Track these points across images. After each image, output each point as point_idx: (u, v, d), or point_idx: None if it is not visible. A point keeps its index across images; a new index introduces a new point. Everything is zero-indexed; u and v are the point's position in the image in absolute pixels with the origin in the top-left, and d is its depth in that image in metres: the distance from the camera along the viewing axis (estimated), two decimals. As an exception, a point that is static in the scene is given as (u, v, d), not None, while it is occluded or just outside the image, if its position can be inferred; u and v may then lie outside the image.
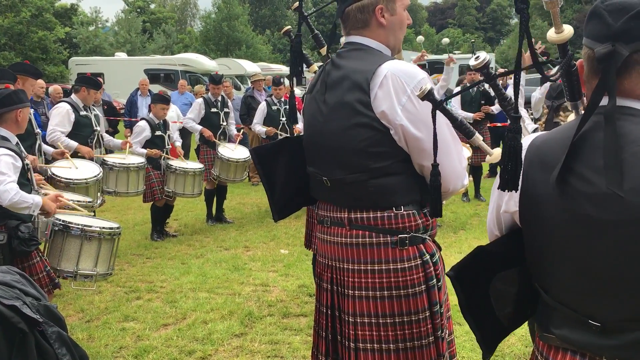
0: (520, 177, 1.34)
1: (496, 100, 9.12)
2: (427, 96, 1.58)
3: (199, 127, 7.62)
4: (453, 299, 4.58)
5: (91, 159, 5.99)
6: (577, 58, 1.50)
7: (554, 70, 1.51)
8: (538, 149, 1.42)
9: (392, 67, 1.95)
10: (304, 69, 2.52)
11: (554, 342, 1.42)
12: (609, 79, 1.28)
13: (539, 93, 6.27)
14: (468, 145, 3.24)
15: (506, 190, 1.33)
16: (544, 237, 1.40)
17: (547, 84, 9.05)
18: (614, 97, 1.27)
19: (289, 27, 2.82)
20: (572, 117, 3.40)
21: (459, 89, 8.65)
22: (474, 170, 8.69)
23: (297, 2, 2.49)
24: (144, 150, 6.71)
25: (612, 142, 1.25)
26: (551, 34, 1.54)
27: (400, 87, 1.92)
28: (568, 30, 1.52)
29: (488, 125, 8.96)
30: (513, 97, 1.66)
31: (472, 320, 1.57)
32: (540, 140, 1.45)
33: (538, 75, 1.67)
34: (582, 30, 1.39)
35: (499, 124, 9.66)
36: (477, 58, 1.69)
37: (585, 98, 1.47)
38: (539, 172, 1.38)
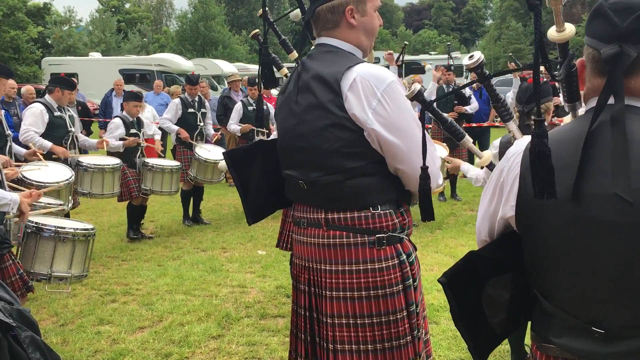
0: (517, 181, 1.30)
1: (471, 100, 9.23)
2: (417, 97, 1.57)
3: (176, 128, 7.57)
4: (428, 298, 4.59)
5: (66, 159, 5.91)
6: (578, 57, 1.47)
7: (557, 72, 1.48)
8: None
9: (361, 71, 1.96)
10: (275, 71, 2.52)
11: (553, 352, 1.39)
12: (616, 81, 1.25)
13: (512, 94, 6.33)
14: (444, 144, 3.26)
15: (504, 190, 1.28)
16: (546, 242, 1.36)
17: (517, 85, 9.14)
18: (622, 99, 1.25)
19: (258, 30, 2.82)
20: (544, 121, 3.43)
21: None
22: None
23: (262, 9, 2.48)
24: (120, 143, 6.62)
25: (620, 144, 1.22)
26: (552, 32, 1.51)
27: (370, 91, 1.93)
28: (570, 29, 1.49)
29: (464, 125, 9.04)
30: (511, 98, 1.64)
31: (465, 329, 1.52)
32: None
33: (510, 76, 1.67)
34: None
35: (474, 125, 9.75)
36: (471, 57, 1.69)
37: (582, 99, 1.44)
38: None
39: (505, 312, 1.52)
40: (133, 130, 6.80)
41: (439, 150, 2.52)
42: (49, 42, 35.54)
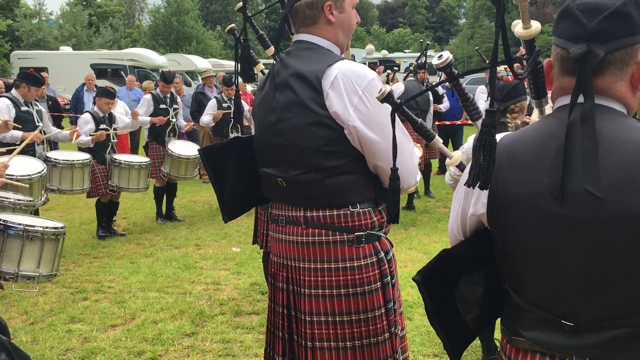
0: (469, 169, 1.31)
1: (444, 99, 9.31)
2: (387, 98, 1.57)
3: (148, 119, 7.47)
4: (402, 294, 4.62)
5: (34, 154, 5.80)
6: (546, 55, 1.49)
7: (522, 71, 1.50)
8: (507, 149, 1.39)
9: (342, 68, 1.96)
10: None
11: (523, 345, 1.40)
12: (585, 80, 1.27)
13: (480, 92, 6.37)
14: (419, 145, 3.28)
15: (475, 188, 1.30)
16: (516, 238, 1.37)
17: (482, 86, 9.20)
18: (592, 97, 1.27)
19: (233, 25, 2.79)
20: (519, 119, 3.47)
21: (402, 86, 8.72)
22: (424, 167, 8.82)
23: (241, 3, 2.46)
24: (89, 138, 6.50)
25: (590, 142, 1.24)
26: (519, 29, 1.53)
27: (351, 88, 1.93)
28: (535, 26, 1.51)
29: (436, 123, 9.11)
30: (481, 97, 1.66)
31: (439, 327, 1.54)
32: (508, 140, 1.42)
33: (481, 75, 1.68)
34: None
35: (447, 123, 9.83)
36: (440, 57, 1.70)
37: (550, 97, 1.46)
38: (511, 172, 1.36)
39: (479, 308, 1.54)
40: (103, 126, 6.68)
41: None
42: (18, 35, 34.79)
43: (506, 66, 1.39)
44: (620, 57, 1.29)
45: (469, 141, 3.60)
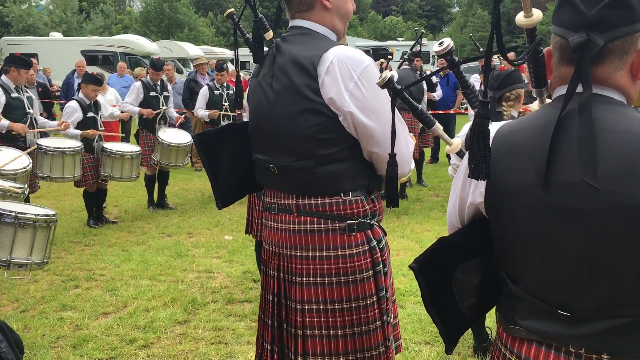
0: (468, 162, 1.31)
1: (437, 87, 9.30)
2: (387, 84, 1.56)
3: (137, 109, 7.41)
4: (394, 282, 4.63)
5: (24, 143, 5.75)
6: (546, 44, 1.49)
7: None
8: (505, 138, 1.38)
9: (338, 53, 1.94)
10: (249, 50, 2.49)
11: (520, 334, 1.41)
12: (584, 69, 1.26)
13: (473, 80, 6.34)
14: (412, 134, 3.28)
15: (478, 179, 1.29)
16: (514, 227, 1.37)
17: (476, 75, 9.18)
18: (590, 87, 1.26)
19: (232, 9, 2.77)
20: (515, 109, 3.46)
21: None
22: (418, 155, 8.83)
23: None
24: (78, 132, 6.42)
25: (588, 132, 1.24)
26: (520, 17, 1.52)
27: (347, 73, 1.92)
28: (537, 14, 1.50)
29: (430, 112, 9.10)
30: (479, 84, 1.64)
31: (436, 314, 1.54)
32: (506, 129, 1.41)
33: (474, 63, 1.67)
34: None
35: (440, 112, 9.83)
36: (441, 44, 1.69)
37: (550, 86, 1.46)
38: (509, 161, 1.35)
39: (475, 297, 1.55)
40: (90, 114, 6.58)
41: None
42: (8, 21, 34.39)
43: (499, 55, 1.38)
44: (620, 45, 1.28)
45: (465, 128, 3.60)
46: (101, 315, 4.32)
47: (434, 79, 9.12)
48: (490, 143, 1.35)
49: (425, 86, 8.26)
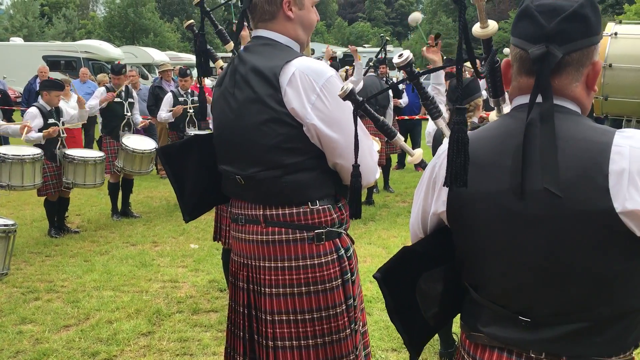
0: (446, 170, 1.30)
1: (404, 94, 9.38)
2: (349, 96, 1.56)
3: (97, 101, 7.25)
4: (362, 289, 4.65)
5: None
6: (501, 54, 1.50)
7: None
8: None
9: (300, 65, 1.93)
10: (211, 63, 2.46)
11: (482, 341, 1.43)
12: (544, 80, 1.29)
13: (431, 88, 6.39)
14: (377, 138, 3.29)
15: (437, 186, 1.29)
16: (475, 236, 1.39)
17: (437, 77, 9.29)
18: (550, 97, 1.28)
19: (192, 21, 2.74)
20: (475, 117, 3.51)
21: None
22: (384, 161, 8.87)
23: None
24: (39, 134, 6.22)
25: (549, 141, 1.26)
26: (476, 29, 1.54)
27: (309, 85, 1.91)
28: (492, 25, 1.52)
29: (396, 118, 9.17)
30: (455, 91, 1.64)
31: (400, 324, 1.55)
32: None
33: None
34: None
35: (406, 117, 9.92)
36: (400, 56, 1.70)
37: (507, 96, 1.47)
38: (471, 170, 1.35)
39: (439, 305, 1.55)
40: (51, 120, 6.40)
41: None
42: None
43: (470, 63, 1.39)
44: (577, 58, 1.31)
45: (429, 126, 3.62)
46: (62, 328, 4.21)
47: (400, 85, 9.19)
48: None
49: (391, 93, 8.32)
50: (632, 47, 4.45)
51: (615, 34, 4.52)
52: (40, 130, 6.28)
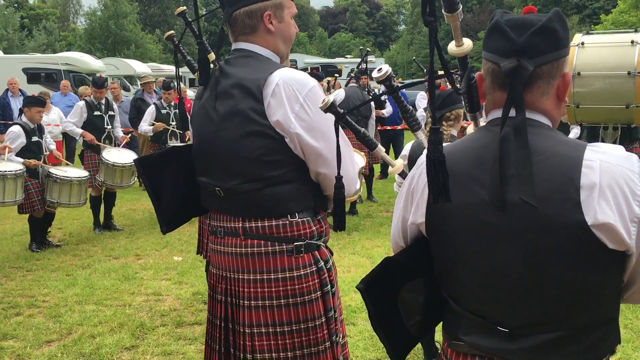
0: (427, 188, 1.32)
1: (387, 104, 9.44)
2: (330, 108, 1.58)
3: (80, 131, 7.24)
4: (346, 299, 4.62)
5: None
6: (476, 71, 1.54)
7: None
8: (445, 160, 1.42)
9: (283, 75, 1.96)
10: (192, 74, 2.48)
11: (463, 349, 1.45)
12: (517, 93, 1.32)
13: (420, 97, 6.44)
14: (362, 153, 3.31)
15: (415, 197, 1.31)
16: (453, 247, 1.41)
17: (422, 92, 9.38)
18: (523, 110, 1.31)
19: (172, 32, 2.75)
20: (454, 129, 3.55)
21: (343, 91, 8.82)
22: (367, 171, 8.90)
23: (181, 8, 2.44)
24: (20, 160, 6.21)
25: (524, 154, 1.29)
26: (452, 47, 1.57)
27: (292, 95, 1.93)
28: (467, 43, 1.57)
29: (378, 128, 9.22)
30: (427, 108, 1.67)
31: (383, 333, 1.56)
32: (445, 152, 1.42)
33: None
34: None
35: (388, 127, 9.98)
36: (379, 70, 1.73)
37: (484, 110, 1.51)
38: (449, 183, 1.37)
39: (421, 315, 1.58)
40: (35, 139, 6.39)
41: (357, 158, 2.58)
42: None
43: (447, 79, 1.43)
44: (548, 70, 1.35)
45: (407, 147, 3.66)
46: (44, 343, 4.16)
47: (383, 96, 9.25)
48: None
49: (373, 104, 8.37)
50: (598, 55, 4.56)
51: (582, 43, 4.63)
52: (23, 149, 6.25)
